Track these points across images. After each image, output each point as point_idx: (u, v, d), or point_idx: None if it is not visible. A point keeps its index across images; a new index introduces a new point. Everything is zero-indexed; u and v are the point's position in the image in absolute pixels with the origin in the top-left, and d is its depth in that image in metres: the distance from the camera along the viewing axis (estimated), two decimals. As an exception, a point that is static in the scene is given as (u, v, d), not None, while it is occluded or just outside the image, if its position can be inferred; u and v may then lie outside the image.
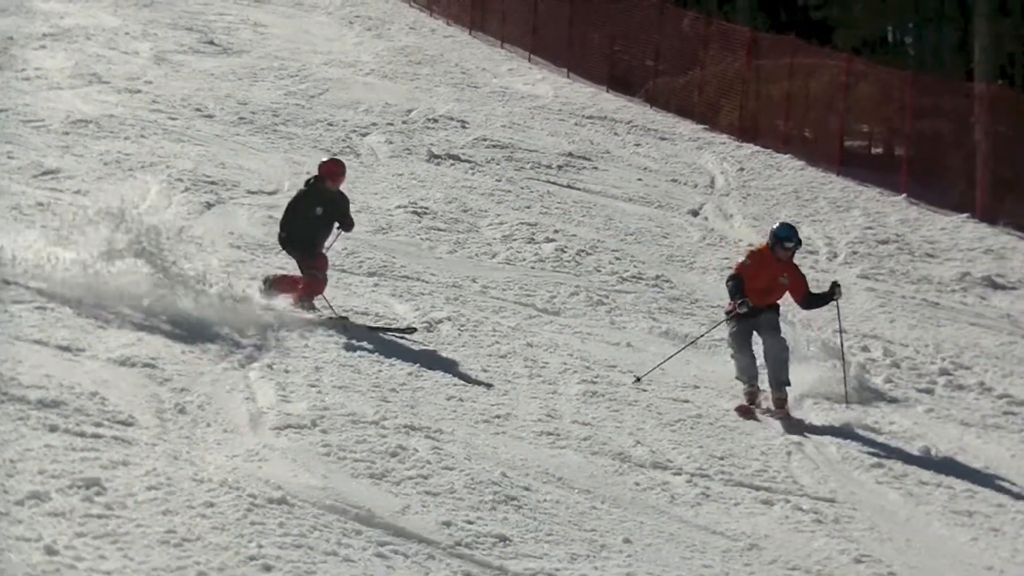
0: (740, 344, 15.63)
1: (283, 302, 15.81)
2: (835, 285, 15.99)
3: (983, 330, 20.81)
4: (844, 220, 27.03)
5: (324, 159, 17.78)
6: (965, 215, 28.81)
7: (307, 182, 16.92)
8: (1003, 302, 22.84)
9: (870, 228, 26.56)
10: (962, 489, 13.62)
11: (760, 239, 24.20)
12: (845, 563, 11.08)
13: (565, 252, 21.24)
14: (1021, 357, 19.57)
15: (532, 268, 20.26)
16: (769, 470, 13.23)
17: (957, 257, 25.30)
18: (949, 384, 17.55)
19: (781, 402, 15.28)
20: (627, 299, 19.43)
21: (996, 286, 23.68)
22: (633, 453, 12.94)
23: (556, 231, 22.46)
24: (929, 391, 17.18)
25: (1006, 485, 13.97)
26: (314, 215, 16.53)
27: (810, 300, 16.00)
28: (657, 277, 20.78)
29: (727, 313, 15.84)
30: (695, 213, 26.13)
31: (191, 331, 14.03)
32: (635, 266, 21.23)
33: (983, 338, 20.28)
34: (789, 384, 15.34)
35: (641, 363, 16.33)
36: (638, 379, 15.70)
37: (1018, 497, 13.67)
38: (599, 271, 20.65)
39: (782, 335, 15.59)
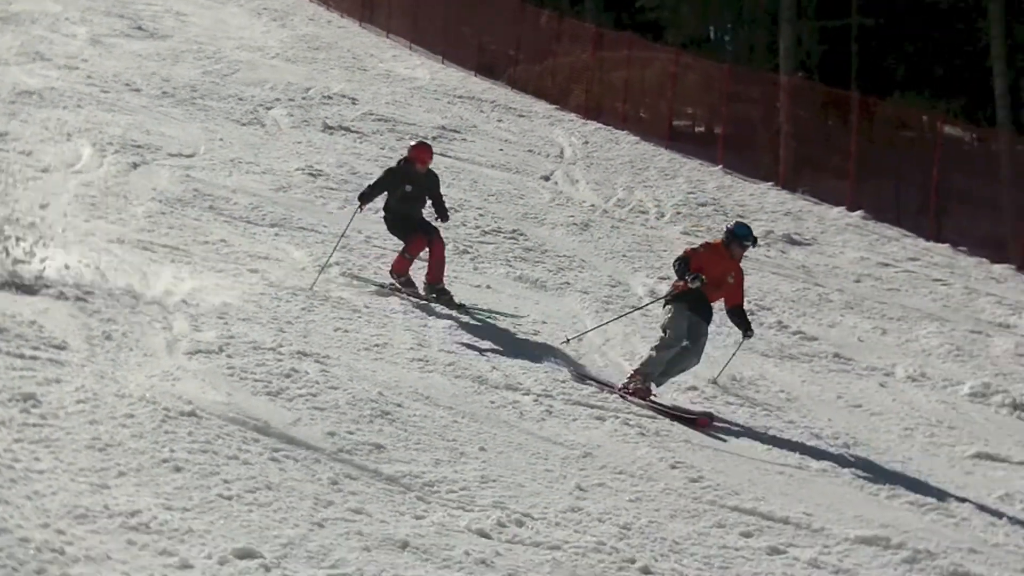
0: (677, 334, 13.37)
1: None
2: (749, 334, 14.13)
3: (782, 278, 21.05)
4: (670, 186, 27.16)
5: (412, 142, 16.71)
6: (770, 183, 29.14)
7: (398, 162, 16.23)
8: (799, 255, 23.12)
9: (692, 193, 26.72)
10: (761, 409, 13.83)
11: (600, 200, 24.38)
12: (663, 468, 11.18)
13: (437, 209, 21.19)
14: (812, 300, 19.84)
15: (409, 222, 20.17)
16: (602, 392, 13.32)
17: (763, 218, 25.52)
18: (753, 322, 17.69)
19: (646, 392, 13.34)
20: (488, 249, 19.41)
21: (794, 242, 23.96)
22: (489, 377, 12.95)
23: (430, 192, 22.40)
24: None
25: (797, 406, 14.18)
26: (404, 192, 15.83)
27: (738, 312, 13.99)
28: (513, 231, 20.76)
29: (675, 291, 13.63)
30: (547, 178, 26.12)
31: (114, 273, 13.83)
32: (495, 221, 21.20)
33: (782, 284, 20.52)
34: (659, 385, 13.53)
35: (498, 302, 16.39)
36: (568, 340, 14.84)
37: (806, 415, 13.89)
38: (465, 225, 20.59)
39: (701, 353, 13.68)
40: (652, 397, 13.30)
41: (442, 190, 16.27)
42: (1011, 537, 10.92)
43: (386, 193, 16.00)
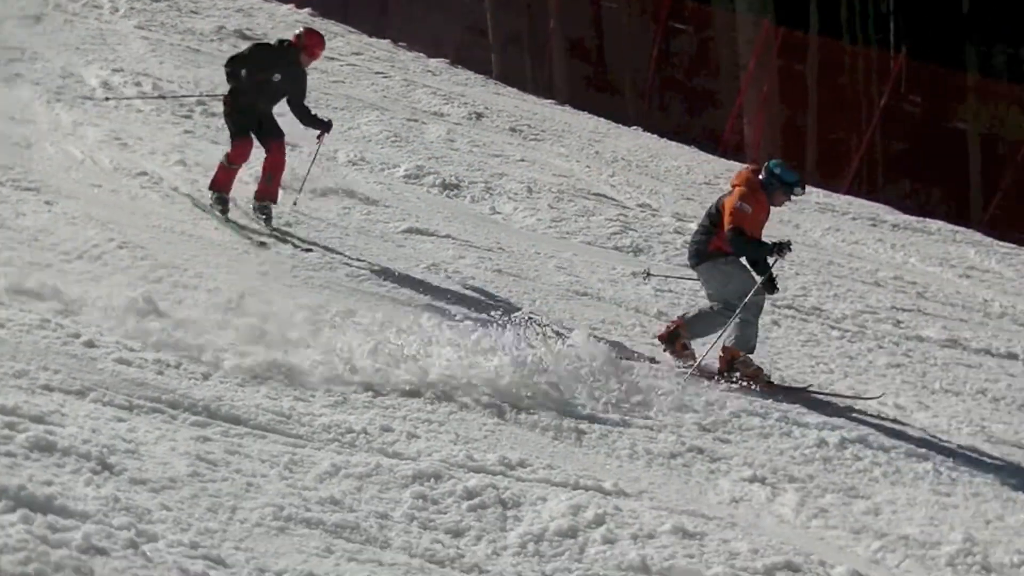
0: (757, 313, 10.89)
1: None
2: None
3: (230, 72, 20.71)
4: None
5: (300, 30, 13.13)
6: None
7: (279, 42, 12.85)
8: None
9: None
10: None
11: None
12: (112, 248, 10.84)
13: None
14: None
15: None
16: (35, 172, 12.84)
17: (215, 14, 24.99)
18: (204, 114, 17.34)
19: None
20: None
21: (246, 37, 23.60)
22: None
23: None
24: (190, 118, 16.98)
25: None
26: (268, 80, 12.42)
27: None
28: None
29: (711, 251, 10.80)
30: (-2, -28, 24.71)
31: None
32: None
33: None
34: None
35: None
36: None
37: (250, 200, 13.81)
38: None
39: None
40: (767, 376, 10.88)
41: None
42: (439, 295, 11.40)
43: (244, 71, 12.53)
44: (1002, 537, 8.53)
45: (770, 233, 11.24)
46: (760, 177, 10.75)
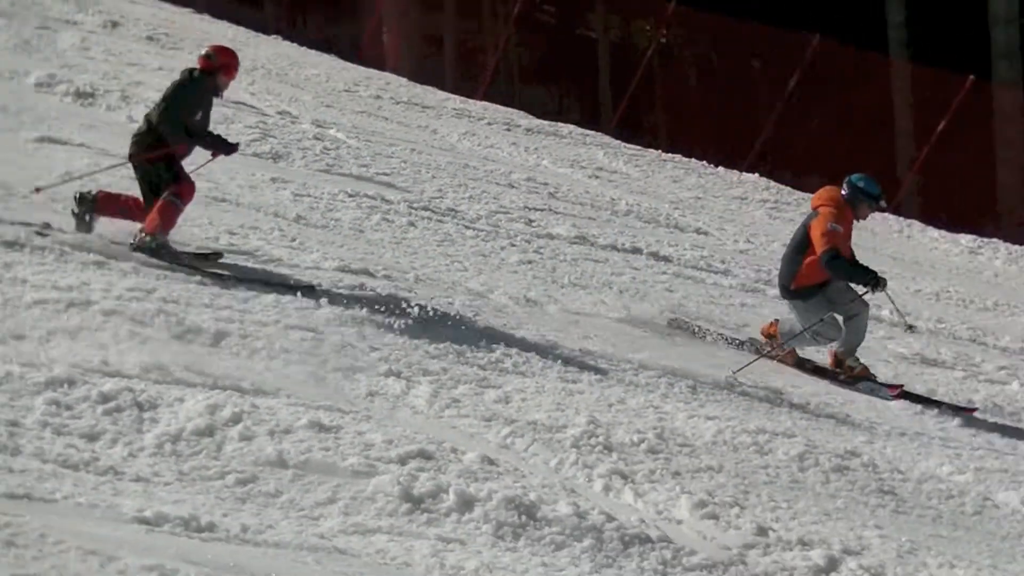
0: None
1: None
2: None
3: None
4: None
5: (208, 50, 10.65)
6: None
7: (191, 73, 10.48)
8: None
9: None
10: None
11: None
12: None
13: None
14: None
15: None
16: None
17: None
18: None
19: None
20: None
21: None
22: None
23: None
24: None
25: None
26: (193, 119, 10.40)
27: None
28: None
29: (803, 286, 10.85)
30: None
31: None
32: None
33: None
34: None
35: None
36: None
37: None
38: None
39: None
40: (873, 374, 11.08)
41: None
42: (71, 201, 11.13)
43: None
44: (623, 419, 8.99)
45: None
46: (844, 193, 10.83)
